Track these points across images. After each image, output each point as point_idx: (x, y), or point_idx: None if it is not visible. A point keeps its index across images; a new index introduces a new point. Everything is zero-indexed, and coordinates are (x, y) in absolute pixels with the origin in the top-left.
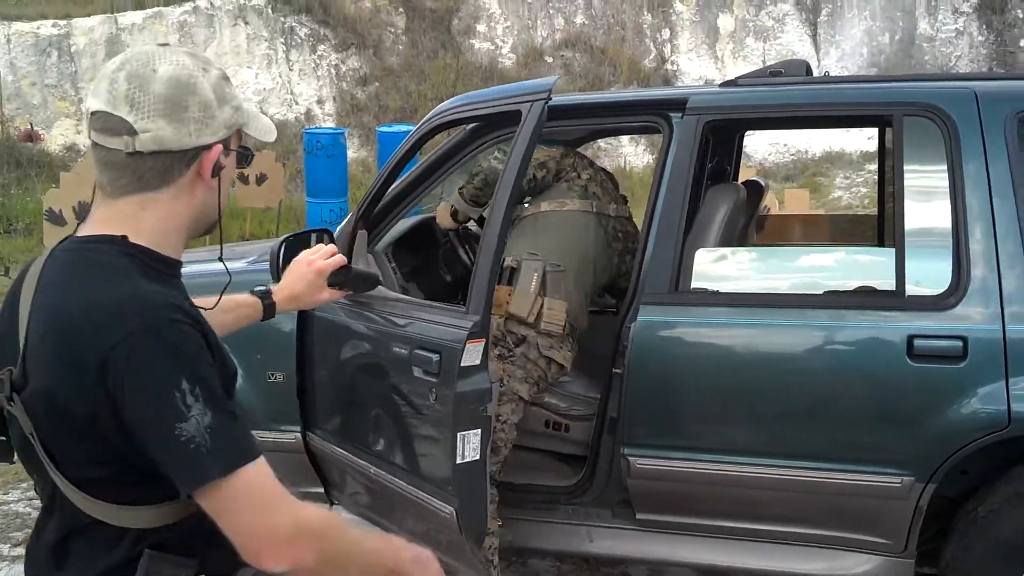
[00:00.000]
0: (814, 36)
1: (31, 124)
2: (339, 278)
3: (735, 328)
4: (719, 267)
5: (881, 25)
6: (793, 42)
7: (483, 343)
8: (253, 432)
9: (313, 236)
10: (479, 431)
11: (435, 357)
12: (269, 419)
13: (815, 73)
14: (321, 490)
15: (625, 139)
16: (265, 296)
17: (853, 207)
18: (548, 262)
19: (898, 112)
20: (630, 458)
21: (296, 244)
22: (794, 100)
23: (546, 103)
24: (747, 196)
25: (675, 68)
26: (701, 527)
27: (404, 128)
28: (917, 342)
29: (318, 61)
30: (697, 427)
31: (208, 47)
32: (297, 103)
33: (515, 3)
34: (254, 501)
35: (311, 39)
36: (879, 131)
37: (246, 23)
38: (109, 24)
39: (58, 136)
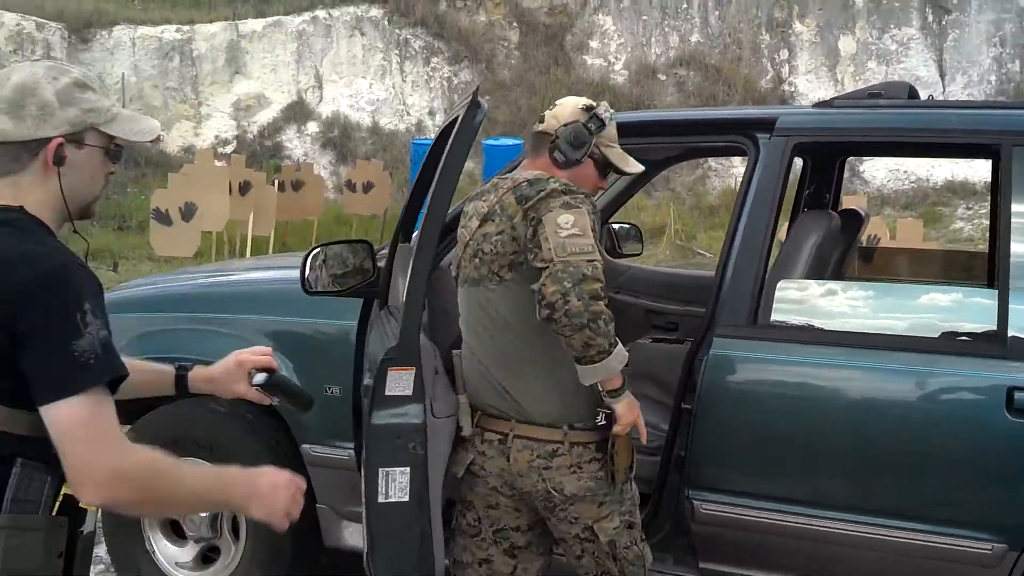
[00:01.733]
0: (939, 61)
1: None
2: (263, 380)
3: (815, 368)
4: (803, 301)
5: (1012, 52)
6: (917, 67)
7: (412, 371)
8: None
9: (347, 247)
10: (408, 469)
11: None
12: (325, 434)
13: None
14: None
15: (737, 159)
16: (182, 369)
17: (975, 240)
18: None
19: (1007, 141)
20: (695, 501)
21: (330, 255)
22: (891, 124)
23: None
24: (846, 225)
25: (792, 89)
26: None
27: (511, 141)
28: (1018, 395)
29: (431, 73)
30: (770, 473)
31: (325, 57)
32: (409, 114)
33: (630, 20)
34: (91, 434)
35: (425, 51)
36: (992, 162)
37: (362, 34)
38: (230, 31)
39: (177, 138)
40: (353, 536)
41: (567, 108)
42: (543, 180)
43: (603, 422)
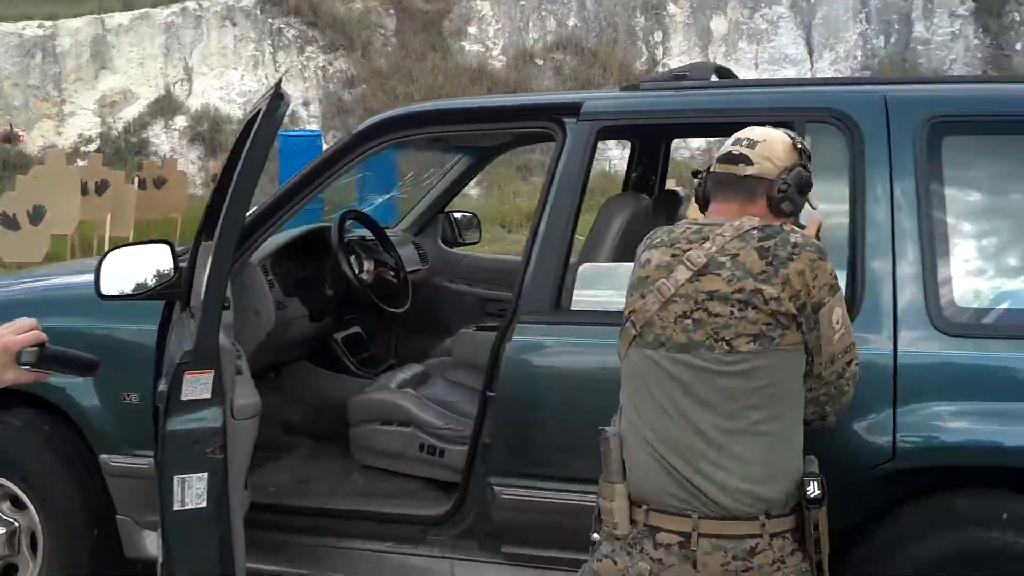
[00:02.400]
0: (808, 39)
1: (10, 125)
2: (33, 357)
3: (610, 351)
4: (605, 284)
5: (876, 28)
6: (787, 45)
7: (210, 374)
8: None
9: (144, 248)
10: (205, 475)
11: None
12: (123, 443)
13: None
14: None
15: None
16: None
17: None
18: None
19: (799, 118)
20: (496, 487)
21: (127, 257)
22: (695, 106)
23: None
24: (664, 207)
25: (667, 71)
26: (569, 561)
27: (308, 133)
28: None
29: (305, 63)
30: (567, 456)
31: (195, 48)
32: None
33: (508, 5)
34: None
35: (299, 41)
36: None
37: (234, 24)
38: (95, 25)
39: (38, 137)
40: (155, 545)
41: (779, 147)
42: (784, 232)
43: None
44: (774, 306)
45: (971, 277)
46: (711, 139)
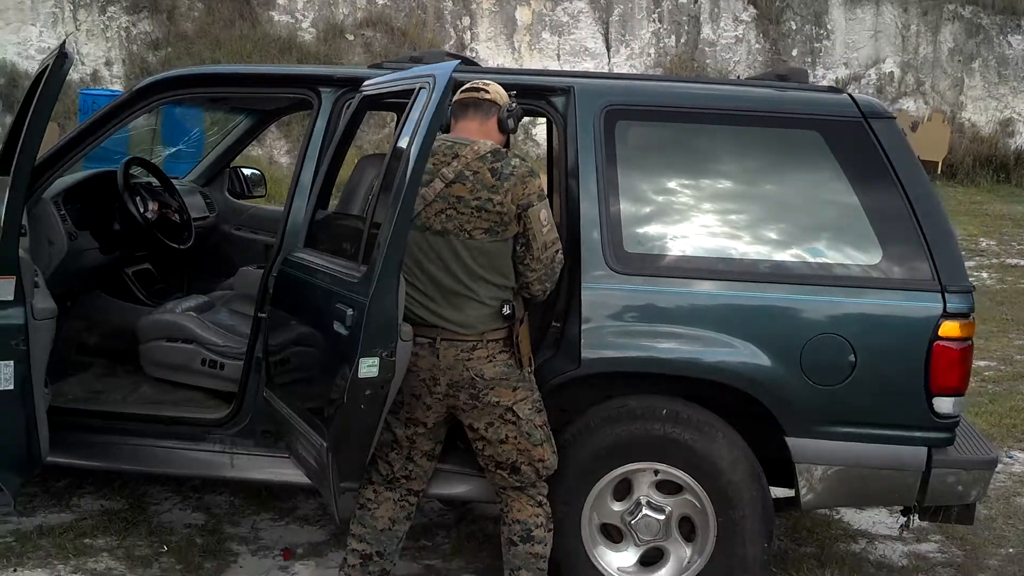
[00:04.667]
0: (606, 34)
1: None
2: None
3: (334, 278)
4: (335, 227)
5: (668, 28)
6: (586, 39)
7: (12, 280)
8: None
9: None
10: (12, 363)
11: None
12: None
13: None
14: None
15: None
16: None
17: None
18: None
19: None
20: (267, 396)
21: None
22: (402, 86)
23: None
24: None
25: (474, 55)
26: None
27: (107, 92)
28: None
29: (108, 22)
30: (295, 367)
31: None
32: (83, 64)
33: None
34: None
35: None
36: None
37: None
38: None
39: None
40: None
41: (502, 90)
42: (507, 157)
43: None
44: (499, 209)
45: (637, 228)
46: None
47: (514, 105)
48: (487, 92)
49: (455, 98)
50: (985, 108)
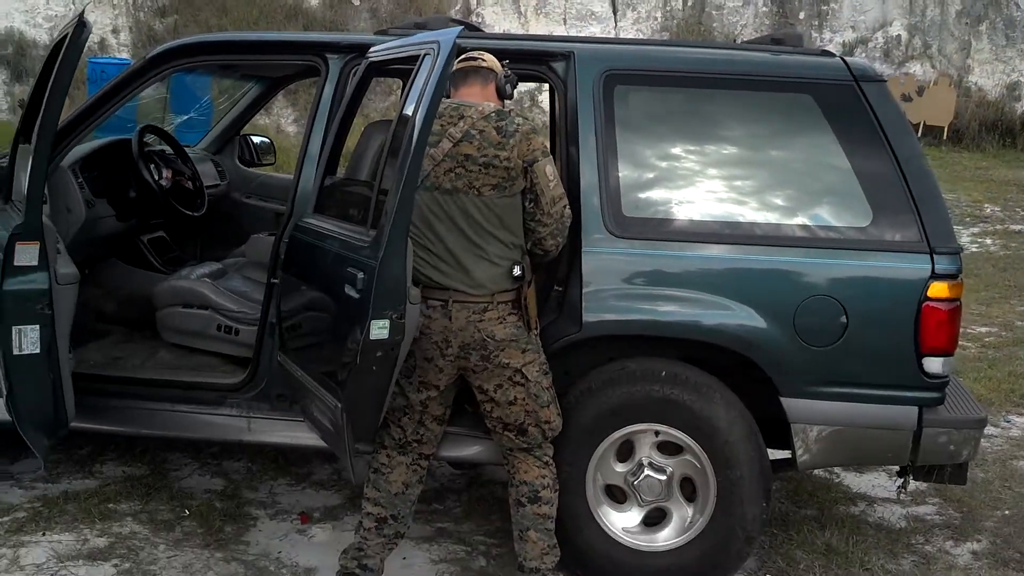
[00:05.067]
0: None
1: None
2: None
3: (339, 241)
4: (343, 193)
5: None
6: (592, 3)
7: (37, 245)
8: None
9: None
10: (38, 327)
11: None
12: None
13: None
14: None
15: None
16: None
17: None
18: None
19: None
20: (279, 359)
21: None
22: (407, 52)
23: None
24: None
25: (480, 20)
26: None
27: (117, 61)
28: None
29: None
30: (308, 331)
31: None
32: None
33: None
34: None
35: None
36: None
37: None
38: None
39: None
40: None
41: (495, 59)
42: (511, 116)
43: (518, 273)
44: (506, 164)
45: (635, 192)
46: None
47: (509, 72)
48: (484, 60)
49: (454, 67)
50: (992, 72)
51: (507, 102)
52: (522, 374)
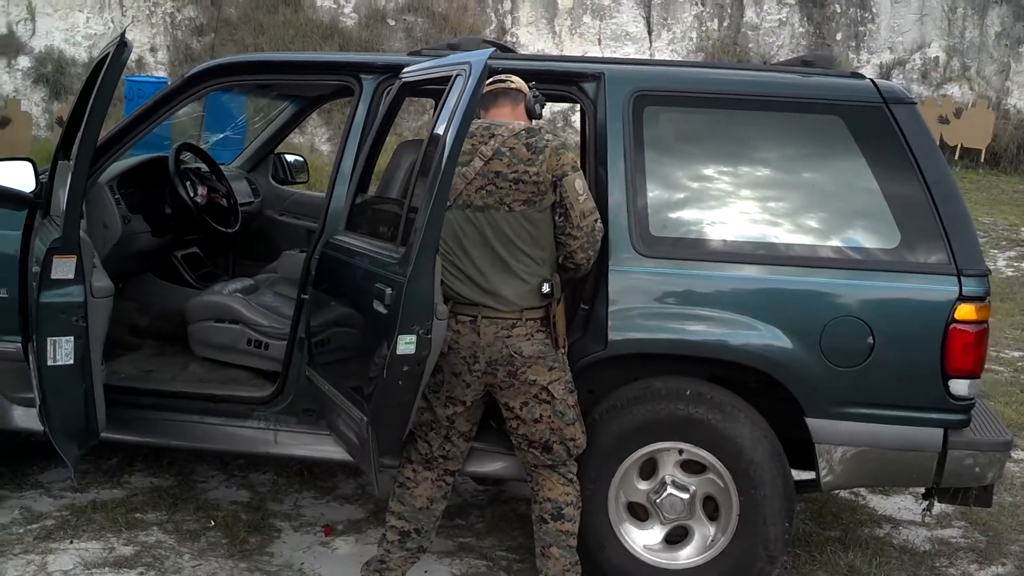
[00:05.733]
0: (648, 18)
1: None
2: None
3: (370, 259)
4: (374, 210)
5: (711, 11)
6: (628, 23)
7: (73, 259)
8: None
9: (9, 164)
10: (72, 338)
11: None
12: None
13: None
14: None
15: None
16: None
17: None
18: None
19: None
20: (308, 374)
21: None
22: (439, 73)
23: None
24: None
25: (515, 40)
26: None
27: (154, 79)
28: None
29: (153, 8)
30: (336, 345)
31: None
32: None
33: None
34: None
35: None
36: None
37: None
38: None
39: None
40: (22, 418)
41: (523, 82)
42: (540, 133)
43: (547, 290)
44: (536, 179)
45: (663, 212)
46: None
47: (537, 93)
48: (512, 82)
49: (484, 90)
50: None
51: (537, 121)
52: (548, 392)
